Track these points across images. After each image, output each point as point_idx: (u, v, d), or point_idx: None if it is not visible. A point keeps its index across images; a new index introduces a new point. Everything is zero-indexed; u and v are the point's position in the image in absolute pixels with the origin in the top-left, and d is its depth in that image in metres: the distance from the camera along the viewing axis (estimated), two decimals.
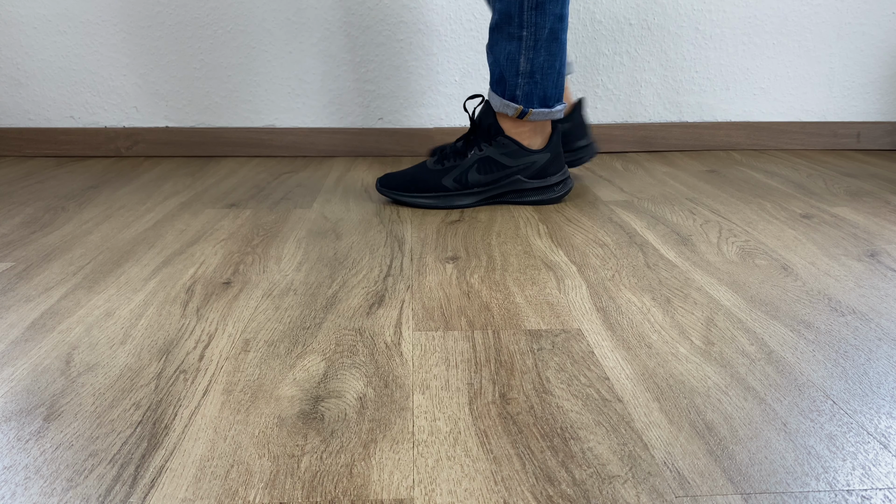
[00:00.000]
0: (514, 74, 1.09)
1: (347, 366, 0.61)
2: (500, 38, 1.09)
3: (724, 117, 1.65)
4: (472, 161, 1.12)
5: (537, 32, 1.07)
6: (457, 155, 1.13)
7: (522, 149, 1.12)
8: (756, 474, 0.47)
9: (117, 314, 0.73)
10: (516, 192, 1.15)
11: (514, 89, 1.10)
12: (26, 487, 0.46)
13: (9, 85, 1.57)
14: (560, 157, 1.15)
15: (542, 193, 1.15)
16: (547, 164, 1.14)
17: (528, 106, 1.10)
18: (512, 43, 1.08)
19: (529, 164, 1.13)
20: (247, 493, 0.45)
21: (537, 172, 1.14)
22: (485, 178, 1.12)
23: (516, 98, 1.10)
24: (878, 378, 0.59)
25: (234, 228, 1.03)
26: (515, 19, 1.06)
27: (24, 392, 0.57)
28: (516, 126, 1.12)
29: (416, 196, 1.14)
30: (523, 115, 1.10)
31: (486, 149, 1.12)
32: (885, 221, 1.06)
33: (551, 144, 1.13)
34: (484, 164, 1.12)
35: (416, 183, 1.13)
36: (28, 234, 1.01)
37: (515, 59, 1.08)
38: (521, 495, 0.45)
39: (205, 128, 1.60)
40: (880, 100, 1.65)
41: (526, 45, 1.07)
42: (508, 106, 1.10)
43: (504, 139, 1.11)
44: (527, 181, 1.14)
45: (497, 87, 1.11)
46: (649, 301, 0.76)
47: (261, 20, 1.55)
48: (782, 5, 1.58)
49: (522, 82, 1.09)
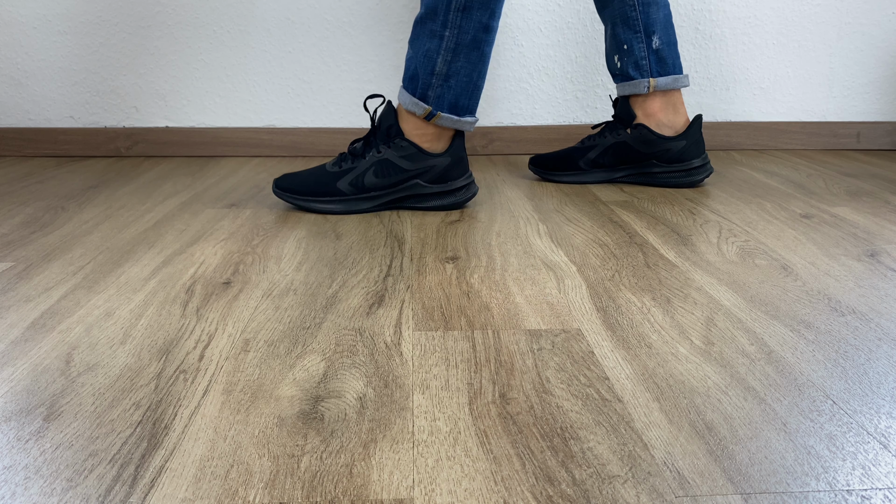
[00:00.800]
0: (429, 74, 1.06)
1: (347, 366, 0.61)
2: (422, 34, 1.06)
3: (724, 117, 1.65)
4: (370, 164, 1.08)
5: (459, 36, 1.04)
6: (354, 157, 1.10)
7: (422, 152, 1.08)
8: (756, 474, 0.47)
9: (117, 314, 0.73)
10: (416, 198, 1.11)
11: (426, 89, 1.07)
12: (26, 487, 0.46)
13: (9, 85, 1.57)
14: (463, 161, 1.11)
15: (443, 198, 1.11)
16: (448, 167, 1.10)
17: (438, 109, 1.07)
18: (433, 41, 1.05)
19: (428, 167, 1.09)
20: (247, 493, 0.45)
21: (438, 177, 1.10)
22: (382, 181, 1.08)
23: (427, 98, 1.07)
24: (878, 378, 0.59)
25: (234, 228, 1.03)
26: (440, 17, 1.04)
27: (24, 392, 0.57)
28: (419, 128, 1.09)
29: (313, 200, 1.09)
30: (430, 118, 1.07)
31: (385, 151, 1.08)
32: (885, 221, 1.06)
33: (452, 148, 1.10)
34: (381, 167, 1.08)
35: (312, 186, 1.09)
36: (28, 234, 1.01)
37: (433, 58, 1.06)
38: (521, 495, 0.45)
39: (205, 128, 1.60)
40: (880, 100, 1.65)
41: (446, 45, 1.05)
42: (418, 105, 1.07)
43: (403, 142, 1.08)
44: (427, 186, 1.10)
45: (409, 85, 1.08)
46: (649, 301, 0.76)
47: (261, 20, 1.55)
48: (782, 5, 1.58)
49: (436, 83, 1.06)
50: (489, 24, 1.06)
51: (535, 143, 1.62)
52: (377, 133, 1.10)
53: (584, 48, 1.58)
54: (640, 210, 1.13)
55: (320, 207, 1.10)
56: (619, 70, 1.27)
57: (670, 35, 1.26)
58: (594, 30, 1.58)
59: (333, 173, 1.09)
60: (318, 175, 1.10)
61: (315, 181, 1.10)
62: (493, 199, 1.21)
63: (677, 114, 1.26)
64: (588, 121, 1.63)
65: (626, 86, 1.27)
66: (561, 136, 1.62)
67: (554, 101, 1.61)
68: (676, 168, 1.25)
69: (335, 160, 1.11)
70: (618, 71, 1.28)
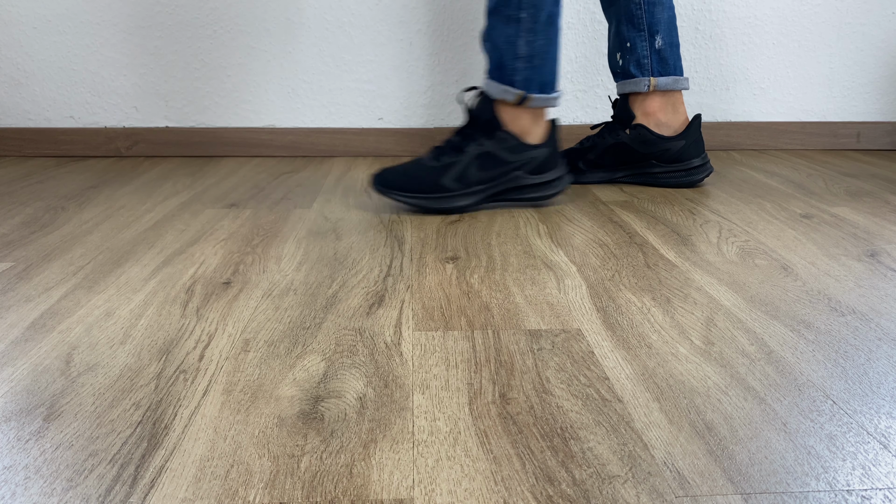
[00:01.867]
0: (513, 58, 1.07)
1: (347, 366, 0.62)
2: (498, 22, 1.07)
3: (724, 117, 1.65)
4: (472, 156, 1.08)
5: (536, 14, 1.05)
6: (454, 150, 1.10)
7: (522, 143, 1.10)
8: (756, 474, 0.47)
9: (117, 314, 0.73)
10: (515, 190, 1.12)
11: (512, 74, 1.07)
12: (26, 487, 0.46)
13: (9, 85, 1.57)
14: (558, 153, 1.13)
15: (540, 190, 1.13)
16: (546, 159, 1.11)
17: (528, 91, 1.08)
18: (510, 26, 1.06)
19: (530, 159, 1.10)
20: (247, 493, 0.45)
21: (537, 168, 1.11)
22: (486, 174, 1.09)
23: (515, 83, 1.08)
24: (878, 378, 0.59)
25: (234, 228, 1.03)
26: (514, 1, 1.05)
27: (24, 392, 0.57)
28: (515, 118, 1.10)
29: (413, 197, 1.09)
30: (523, 101, 1.08)
31: (486, 143, 1.08)
32: (885, 221, 1.06)
33: (550, 139, 1.12)
34: (484, 160, 1.08)
35: (415, 182, 1.08)
36: (28, 234, 1.01)
37: (514, 41, 1.06)
38: (521, 495, 0.45)
39: (205, 128, 1.60)
40: (880, 100, 1.65)
41: (525, 27, 1.06)
42: (508, 91, 1.08)
43: (504, 133, 1.09)
44: (527, 177, 1.11)
45: (495, 74, 1.09)
46: (649, 301, 0.76)
47: (261, 20, 1.55)
48: (782, 5, 1.58)
49: (521, 66, 1.07)
50: None
51: None
52: (476, 125, 1.10)
53: (584, 48, 1.58)
54: (640, 210, 1.13)
55: (419, 204, 1.09)
56: (620, 68, 1.28)
57: (673, 36, 1.26)
58: (594, 30, 1.58)
59: (434, 168, 1.08)
60: (420, 170, 1.09)
61: (418, 177, 1.09)
62: None
63: (676, 113, 1.26)
64: (588, 121, 1.63)
65: (627, 84, 1.27)
66: (561, 135, 1.62)
67: None
68: (676, 168, 1.25)
69: (432, 154, 1.10)
70: (619, 69, 1.28)
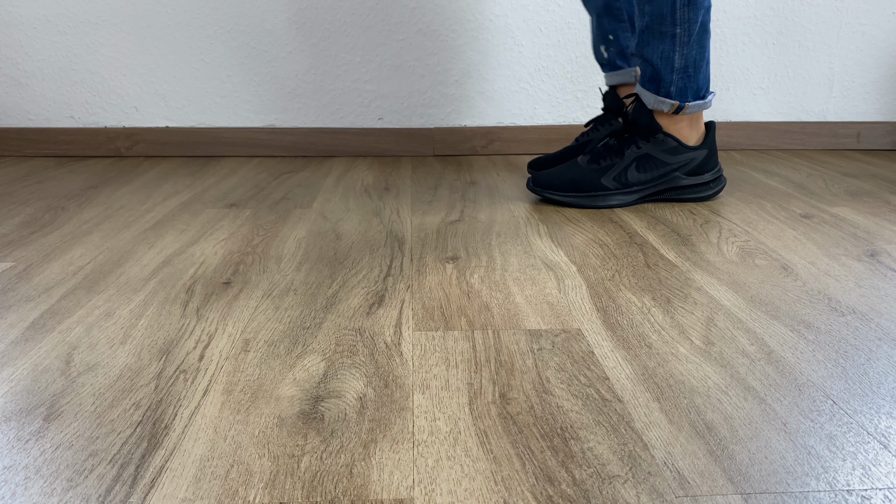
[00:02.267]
0: (670, 72, 1.09)
1: (347, 366, 0.61)
2: (652, 39, 1.08)
3: (724, 117, 1.65)
4: (631, 159, 1.12)
5: (690, 28, 1.07)
6: (612, 153, 1.13)
7: (682, 146, 1.12)
8: (756, 474, 0.47)
9: (117, 314, 0.73)
10: (673, 190, 1.15)
11: (668, 86, 1.10)
12: (26, 487, 0.46)
13: (9, 85, 1.57)
14: (715, 154, 1.16)
15: (698, 191, 1.16)
16: (704, 160, 1.14)
17: (683, 101, 1.11)
18: (665, 41, 1.08)
19: (688, 160, 1.13)
20: (247, 493, 0.45)
21: (695, 169, 1.14)
22: (644, 175, 1.12)
23: (671, 94, 1.10)
24: (878, 378, 0.59)
25: (234, 228, 1.03)
26: (668, 18, 1.06)
27: (24, 392, 0.57)
28: (673, 123, 1.12)
29: (570, 195, 1.13)
30: (679, 111, 1.11)
31: (645, 146, 1.12)
32: (885, 221, 1.06)
33: (708, 140, 1.14)
34: (643, 162, 1.12)
35: (574, 183, 1.13)
36: (28, 234, 1.01)
37: (670, 56, 1.09)
38: (521, 495, 0.45)
39: (205, 128, 1.60)
40: (880, 100, 1.65)
41: (680, 41, 1.08)
42: (664, 103, 1.10)
43: (664, 136, 1.11)
44: (684, 178, 1.14)
45: (650, 85, 1.11)
46: (649, 301, 0.76)
47: (261, 20, 1.55)
48: (782, 5, 1.58)
49: (676, 78, 1.10)
50: (709, 3, 1.09)
51: (535, 143, 1.62)
52: (634, 128, 1.13)
53: (584, 48, 1.58)
54: (640, 210, 1.13)
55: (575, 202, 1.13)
56: (606, 60, 1.30)
57: None
58: None
59: (593, 170, 1.12)
60: (578, 172, 1.13)
61: (578, 178, 1.13)
62: (493, 199, 1.21)
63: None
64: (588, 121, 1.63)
65: (615, 75, 1.29)
66: (561, 136, 1.62)
67: (554, 101, 1.61)
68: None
69: (589, 157, 1.14)
70: (605, 61, 1.30)
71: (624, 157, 1.12)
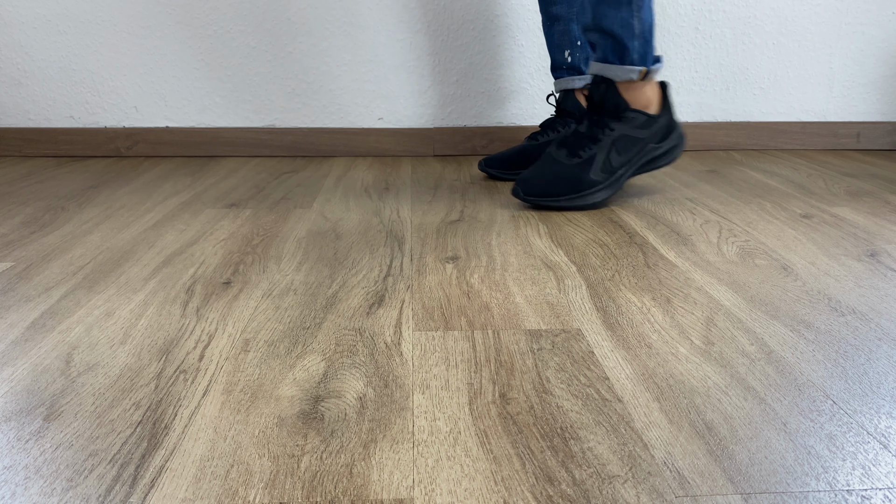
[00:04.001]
0: (631, 38, 1.09)
1: (347, 366, 0.61)
2: (609, 9, 1.08)
3: (724, 117, 1.65)
4: (610, 143, 1.10)
5: None
6: (588, 141, 1.11)
7: (650, 117, 1.12)
8: (756, 474, 0.47)
9: (117, 314, 0.73)
10: (650, 161, 1.14)
11: (632, 53, 1.09)
12: (26, 487, 0.46)
13: (9, 85, 1.57)
14: (674, 114, 1.15)
15: (669, 156, 1.15)
16: (669, 124, 1.14)
17: (648, 65, 1.10)
18: (622, 9, 1.07)
19: (658, 129, 1.13)
20: (247, 493, 0.45)
21: (664, 135, 1.14)
22: (625, 157, 1.11)
23: (634, 61, 1.10)
24: (878, 378, 0.59)
25: (234, 228, 1.03)
26: None
27: (24, 392, 0.57)
28: (639, 95, 1.12)
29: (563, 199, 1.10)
30: (646, 76, 1.10)
31: (618, 126, 1.10)
32: (885, 221, 1.06)
33: (666, 103, 1.14)
34: (621, 144, 1.11)
35: (562, 183, 1.10)
36: (28, 234, 1.01)
37: (630, 23, 1.08)
38: (521, 495, 0.45)
39: (205, 128, 1.60)
40: (880, 100, 1.65)
41: (636, 6, 1.08)
42: (632, 70, 1.09)
43: (633, 113, 1.11)
44: (659, 146, 1.13)
45: (614, 57, 1.10)
46: (649, 301, 0.76)
47: (261, 20, 1.55)
48: (782, 5, 1.58)
49: (638, 45, 1.09)
50: None
51: None
52: (602, 111, 1.11)
53: None
54: (640, 210, 1.13)
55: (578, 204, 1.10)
56: (570, 64, 1.31)
57: None
58: None
59: (576, 165, 1.10)
60: (560, 169, 1.11)
61: (563, 177, 1.10)
62: (492, 198, 1.21)
63: None
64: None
65: (579, 79, 1.30)
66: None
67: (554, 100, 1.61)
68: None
69: (565, 151, 1.11)
70: (568, 65, 1.31)
71: (601, 143, 1.10)
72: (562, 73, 1.32)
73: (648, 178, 1.35)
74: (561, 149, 1.12)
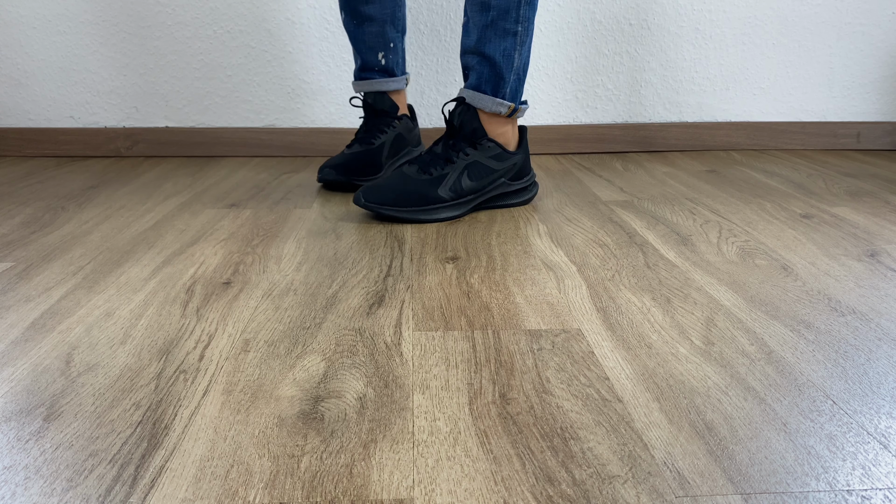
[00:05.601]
0: (509, 71, 1.07)
1: (347, 366, 0.61)
2: (495, 35, 1.06)
3: (724, 117, 1.65)
4: (462, 167, 1.08)
5: (528, 27, 1.07)
6: (441, 161, 1.08)
7: (505, 151, 1.10)
8: (756, 474, 0.47)
9: (117, 314, 0.73)
10: (499, 197, 1.13)
11: (506, 86, 1.08)
12: (26, 487, 0.46)
13: (9, 85, 1.57)
14: (529, 158, 1.15)
15: (521, 195, 1.15)
16: (523, 164, 1.14)
17: (517, 103, 1.10)
18: (507, 39, 1.06)
19: (512, 165, 1.12)
20: (247, 493, 0.45)
21: (517, 174, 1.13)
22: (476, 184, 1.09)
23: (506, 96, 1.08)
24: (878, 378, 0.59)
25: (234, 228, 1.03)
26: (512, 14, 1.05)
27: (24, 392, 0.57)
28: (500, 127, 1.10)
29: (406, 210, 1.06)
30: (513, 113, 1.09)
31: (472, 153, 1.09)
32: (885, 221, 1.06)
33: (523, 144, 1.14)
34: (473, 170, 1.08)
35: (408, 196, 1.06)
36: (28, 234, 1.01)
37: (511, 55, 1.07)
38: (521, 495, 0.45)
39: (205, 128, 1.60)
40: (880, 100, 1.65)
41: (520, 40, 1.06)
42: (502, 104, 1.08)
43: (489, 142, 1.09)
44: (510, 184, 1.13)
45: (487, 87, 1.08)
46: (649, 301, 0.76)
47: (261, 20, 1.55)
48: (782, 5, 1.58)
49: (513, 79, 1.08)
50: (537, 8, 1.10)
51: (535, 143, 1.62)
52: (459, 136, 1.10)
53: (584, 48, 1.58)
54: (640, 210, 1.13)
55: (421, 218, 1.06)
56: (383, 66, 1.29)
57: None
58: (594, 30, 1.58)
59: (426, 181, 1.07)
60: (409, 183, 1.07)
61: (410, 190, 1.06)
62: None
63: None
64: (588, 121, 1.63)
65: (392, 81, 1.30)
66: (561, 136, 1.62)
67: (554, 101, 1.61)
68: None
69: (417, 167, 1.08)
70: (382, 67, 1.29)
71: (455, 165, 1.08)
72: (373, 74, 1.29)
73: (648, 178, 1.35)
74: (412, 165, 1.10)
